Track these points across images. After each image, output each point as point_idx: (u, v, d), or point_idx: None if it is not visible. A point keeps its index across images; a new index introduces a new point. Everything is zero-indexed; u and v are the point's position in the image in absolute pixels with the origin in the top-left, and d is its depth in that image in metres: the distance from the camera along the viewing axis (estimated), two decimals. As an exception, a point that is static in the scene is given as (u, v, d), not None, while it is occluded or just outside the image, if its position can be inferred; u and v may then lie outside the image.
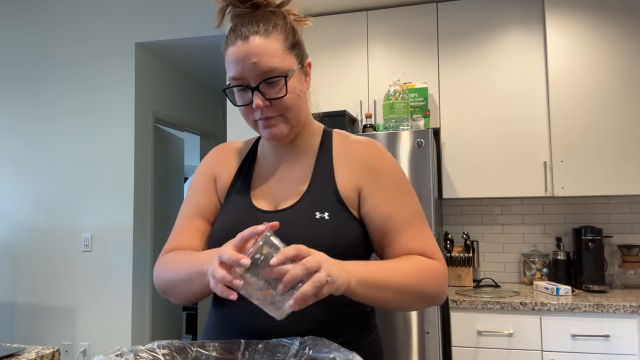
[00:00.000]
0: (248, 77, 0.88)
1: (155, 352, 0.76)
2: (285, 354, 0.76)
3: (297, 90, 0.91)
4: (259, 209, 0.95)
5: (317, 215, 0.90)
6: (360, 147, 0.98)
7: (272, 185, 0.99)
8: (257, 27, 0.89)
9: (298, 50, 0.93)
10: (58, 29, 3.45)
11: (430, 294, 0.89)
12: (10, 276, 3.42)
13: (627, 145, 2.44)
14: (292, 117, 0.92)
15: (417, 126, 2.54)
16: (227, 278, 0.72)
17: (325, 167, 0.97)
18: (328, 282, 0.73)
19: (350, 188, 0.95)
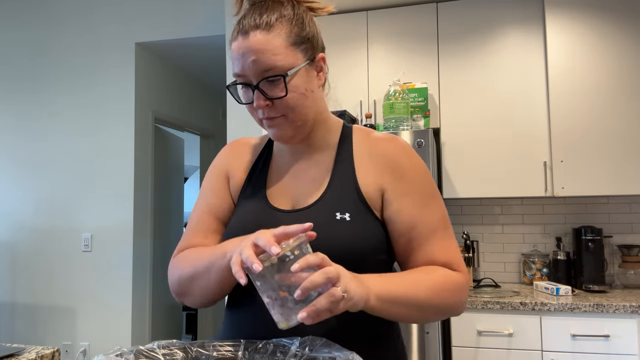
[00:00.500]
0: (249, 75, 0.84)
1: (155, 352, 0.76)
2: (285, 354, 0.76)
3: (301, 89, 0.85)
4: (276, 208, 0.91)
5: (338, 216, 0.86)
6: (384, 144, 0.92)
7: (288, 183, 0.94)
8: (259, 21, 0.83)
9: (307, 44, 0.87)
10: (58, 29, 3.45)
11: (450, 307, 0.86)
12: (10, 276, 3.42)
13: (627, 145, 2.44)
14: (297, 118, 0.87)
15: (417, 126, 2.54)
16: (252, 258, 0.69)
17: (346, 165, 0.91)
18: (344, 298, 0.69)
19: (373, 188, 0.89)
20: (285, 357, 0.76)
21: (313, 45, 0.88)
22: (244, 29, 0.84)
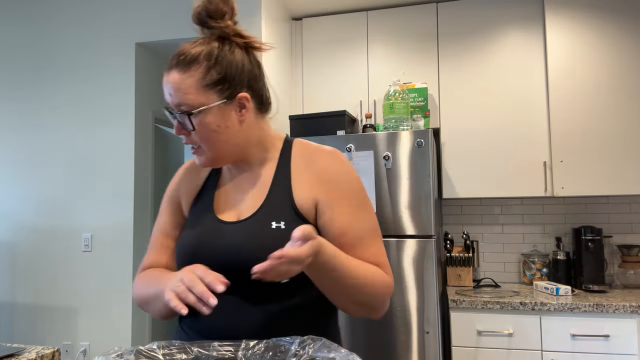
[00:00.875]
0: (171, 105, 0.94)
1: (155, 352, 0.76)
2: (285, 354, 0.76)
3: (212, 126, 0.93)
4: (221, 220, 0.98)
5: (274, 225, 0.92)
6: (320, 157, 0.99)
7: (234, 197, 1.02)
8: (180, 59, 0.92)
9: (223, 85, 0.93)
10: (57, 30, 3.45)
11: (377, 301, 0.93)
12: (10, 276, 3.42)
13: (627, 145, 2.44)
14: (210, 150, 0.96)
15: (417, 126, 2.54)
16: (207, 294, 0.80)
17: (284, 177, 0.98)
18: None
19: (307, 198, 0.96)
20: (286, 357, 0.76)
21: (232, 85, 0.94)
22: (169, 65, 0.94)
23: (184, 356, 0.77)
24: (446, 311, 2.54)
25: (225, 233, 0.95)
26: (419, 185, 2.23)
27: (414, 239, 2.22)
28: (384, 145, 2.28)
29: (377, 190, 2.27)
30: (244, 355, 0.78)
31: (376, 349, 2.22)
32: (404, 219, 2.24)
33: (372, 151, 2.28)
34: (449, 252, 2.72)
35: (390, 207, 2.25)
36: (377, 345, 2.22)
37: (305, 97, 2.90)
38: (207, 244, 0.95)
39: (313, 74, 2.90)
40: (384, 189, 2.26)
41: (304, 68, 2.91)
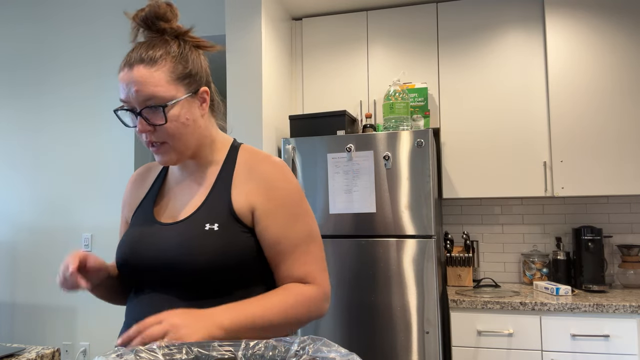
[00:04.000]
0: (133, 103, 0.93)
1: (155, 352, 0.76)
2: (285, 354, 0.76)
3: (181, 119, 0.94)
4: (157, 222, 1.00)
5: (207, 226, 0.94)
6: (264, 165, 1.01)
7: (173, 199, 1.04)
8: (144, 55, 0.93)
9: (190, 79, 0.96)
10: (58, 29, 3.45)
11: (307, 318, 0.96)
12: (10, 276, 3.42)
13: (627, 145, 2.44)
14: (177, 144, 0.96)
15: (417, 126, 2.54)
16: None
17: (225, 181, 1.00)
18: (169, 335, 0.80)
19: (244, 204, 0.97)
20: (286, 357, 0.76)
21: (196, 80, 0.98)
22: (130, 61, 0.93)
23: (184, 356, 0.77)
24: (446, 311, 2.54)
25: (160, 234, 0.97)
26: (419, 185, 2.23)
27: (414, 239, 2.22)
28: (384, 145, 2.28)
29: (377, 190, 2.27)
30: (244, 355, 0.78)
31: (376, 349, 2.22)
32: (404, 219, 2.24)
33: (372, 151, 2.29)
34: (449, 252, 2.72)
35: (390, 207, 2.25)
36: (377, 345, 2.22)
37: (305, 97, 2.90)
38: (142, 244, 0.97)
39: (313, 74, 2.90)
40: (384, 189, 2.26)
41: (304, 68, 2.91)
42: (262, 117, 2.43)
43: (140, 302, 0.96)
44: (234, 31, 2.49)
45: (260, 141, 2.42)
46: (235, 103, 2.48)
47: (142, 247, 0.97)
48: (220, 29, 3.11)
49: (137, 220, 1.05)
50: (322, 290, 0.98)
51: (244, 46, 2.48)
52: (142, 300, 0.96)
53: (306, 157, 2.38)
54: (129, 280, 1.01)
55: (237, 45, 2.49)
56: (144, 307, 0.95)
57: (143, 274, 0.97)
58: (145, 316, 0.93)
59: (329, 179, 2.33)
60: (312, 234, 1.00)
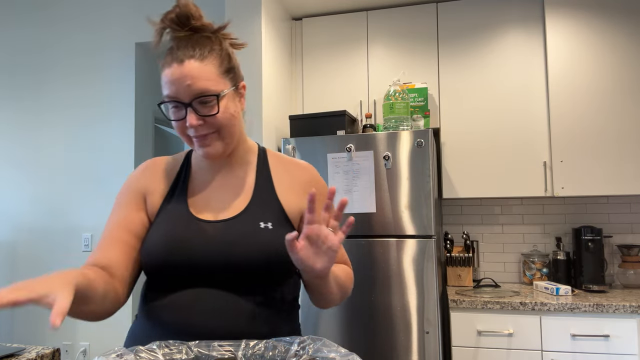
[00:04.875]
0: (182, 97, 0.94)
1: (155, 352, 0.76)
2: (285, 354, 0.76)
3: (230, 110, 0.98)
4: (200, 219, 0.99)
5: (262, 224, 0.98)
6: (303, 171, 1.10)
7: (210, 197, 1.03)
8: (193, 51, 0.95)
9: (233, 74, 1.00)
10: (58, 29, 3.45)
11: (349, 292, 1.09)
12: (10, 276, 3.42)
13: (627, 145, 2.44)
14: (226, 135, 0.99)
15: (417, 126, 2.54)
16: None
17: (266, 183, 1.06)
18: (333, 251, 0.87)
19: (294, 206, 1.05)
20: (286, 357, 0.76)
21: (236, 75, 1.02)
22: (180, 58, 0.95)
23: (184, 356, 0.77)
24: (446, 311, 2.54)
25: (207, 232, 0.96)
26: (419, 185, 2.23)
27: (414, 239, 2.22)
28: (384, 145, 2.28)
29: (377, 190, 2.27)
30: (244, 355, 0.78)
31: (376, 349, 2.22)
32: (404, 219, 2.24)
33: (372, 151, 2.29)
34: (449, 252, 2.72)
35: (390, 207, 2.25)
36: (377, 345, 2.22)
37: (305, 97, 2.90)
38: (184, 242, 0.95)
39: (313, 74, 2.90)
40: (384, 189, 2.26)
41: (304, 68, 2.91)
42: (262, 117, 2.43)
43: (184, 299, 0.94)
44: (234, 31, 2.49)
45: (261, 141, 2.42)
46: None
47: (183, 244, 0.95)
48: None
49: (169, 216, 1.01)
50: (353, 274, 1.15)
51: (244, 46, 2.48)
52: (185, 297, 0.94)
53: (306, 157, 2.38)
54: (164, 278, 0.96)
55: (237, 45, 2.49)
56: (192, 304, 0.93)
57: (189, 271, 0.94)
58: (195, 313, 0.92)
59: (329, 179, 2.33)
60: None
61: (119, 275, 0.97)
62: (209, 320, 0.92)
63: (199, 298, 0.94)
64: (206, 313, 0.92)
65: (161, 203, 1.04)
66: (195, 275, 0.95)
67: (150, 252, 0.97)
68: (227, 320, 0.93)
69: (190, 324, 0.92)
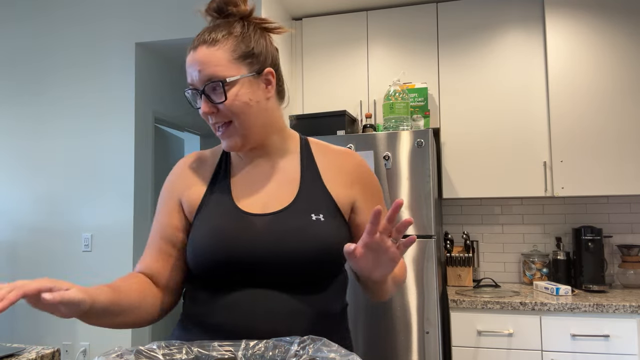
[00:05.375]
0: (196, 84, 0.93)
1: (155, 352, 0.76)
2: (285, 354, 0.76)
3: (244, 98, 0.93)
4: (247, 212, 0.95)
5: (313, 216, 0.93)
6: (349, 159, 1.05)
7: (255, 189, 0.99)
8: (207, 37, 0.93)
9: (252, 59, 0.95)
10: (58, 29, 3.45)
11: (403, 282, 1.08)
12: (10, 276, 3.42)
13: (627, 146, 2.44)
14: (242, 125, 0.94)
15: (417, 126, 2.54)
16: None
17: (312, 172, 1.01)
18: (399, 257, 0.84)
19: (344, 197, 1.00)
20: (286, 357, 0.76)
21: (260, 61, 0.96)
22: (194, 44, 0.94)
23: (184, 356, 0.77)
24: (446, 311, 2.54)
25: (256, 225, 0.92)
26: (419, 185, 2.23)
27: (414, 239, 2.22)
28: (384, 145, 2.28)
29: (377, 190, 2.27)
30: (244, 355, 0.78)
31: (376, 349, 2.22)
32: (404, 219, 2.23)
33: (372, 151, 2.28)
34: (449, 252, 2.72)
35: (390, 207, 2.25)
36: (377, 345, 2.22)
37: (305, 97, 2.90)
38: (233, 236, 0.91)
39: (313, 74, 2.90)
40: (384, 189, 2.26)
41: (304, 68, 2.91)
42: (262, 117, 2.43)
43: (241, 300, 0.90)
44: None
45: (260, 141, 2.42)
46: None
47: (233, 239, 0.91)
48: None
49: (213, 210, 0.96)
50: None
51: (244, 46, 2.48)
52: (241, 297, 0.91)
53: (306, 157, 2.38)
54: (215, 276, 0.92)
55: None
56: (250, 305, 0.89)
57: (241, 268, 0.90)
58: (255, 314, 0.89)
59: (329, 179, 2.33)
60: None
61: (162, 284, 0.98)
62: (269, 322, 0.89)
63: (256, 298, 0.90)
64: (265, 315, 0.89)
65: (202, 198, 0.99)
66: (246, 272, 0.90)
67: (196, 250, 0.94)
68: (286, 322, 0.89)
69: (250, 326, 0.89)
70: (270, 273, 0.90)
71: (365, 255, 0.81)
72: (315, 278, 0.93)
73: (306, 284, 0.92)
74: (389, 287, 0.97)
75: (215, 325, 0.91)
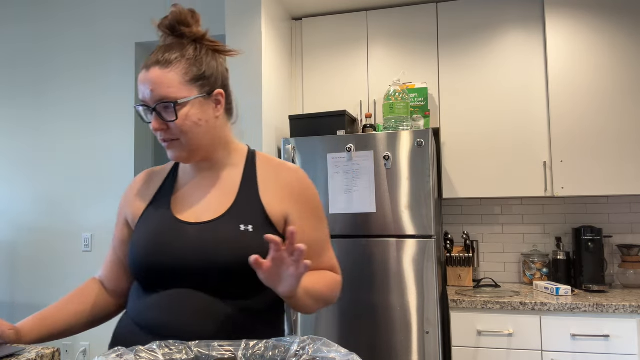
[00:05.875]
0: (148, 102, 0.99)
1: (155, 352, 0.76)
2: (285, 354, 0.76)
3: (193, 118, 0.99)
4: (181, 221, 1.01)
5: (242, 227, 0.98)
6: (289, 174, 1.09)
7: (193, 199, 1.05)
8: (160, 58, 0.98)
9: (203, 81, 1.01)
10: (58, 29, 3.45)
11: (333, 300, 1.09)
12: (10, 276, 3.42)
13: (627, 145, 2.44)
14: (189, 142, 1.00)
15: (417, 126, 2.54)
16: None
17: (251, 186, 1.05)
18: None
19: (278, 209, 1.04)
20: (286, 357, 0.76)
21: (210, 82, 1.02)
22: (147, 64, 0.99)
23: (184, 356, 0.77)
24: (446, 311, 2.54)
25: (188, 233, 0.98)
26: (419, 185, 2.23)
27: (414, 239, 2.22)
28: (384, 145, 2.28)
29: (377, 190, 2.27)
30: (244, 355, 0.78)
31: (376, 349, 2.22)
32: (404, 219, 2.24)
33: (372, 151, 2.29)
34: (449, 252, 2.72)
35: (390, 207, 2.25)
36: (377, 345, 2.22)
37: (305, 97, 2.90)
38: (166, 244, 0.98)
39: (313, 74, 2.90)
40: (384, 189, 2.26)
41: (304, 68, 2.91)
42: (262, 117, 2.43)
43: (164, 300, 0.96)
44: (234, 31, 2.49)
45: (260, 141, 2.42)
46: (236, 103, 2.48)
47: (165, 246, 0.97)
48: (220, 29, 3.11)
49: (151, 218, 1.03)
50: (341, 280, 1.14)
51: (244, 46, 2.48)
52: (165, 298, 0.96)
53: (306, 157, 2.38)
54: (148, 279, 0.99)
55: (237, 45, 2.49)
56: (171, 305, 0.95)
57: (171, 272, 0.96)
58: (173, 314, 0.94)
59: (329, 179, 2.33)
60: (328, 232, 1.15)
61: (112, 288, 1.14)
62: (186, 322, 0.93)
63: (178, 299, 0.95)
64: (184, 315, 0.93)
65: (143, 210, 1.07)
66: (174, 276, 0.96)
67: (132, 253, 1.01)
68: (204, 323, 0.93)
69: (166, 324, 0.93)
70: (198, 277, 0.95)
71: (270, 269, 0.85)
72: (242, 284, 0.97)
73: (234, 288, 0.96)
74: (306, 302, 0.96)
75: (144, 322, 0.96)
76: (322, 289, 1.03)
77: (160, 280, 0.97)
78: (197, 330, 0.92)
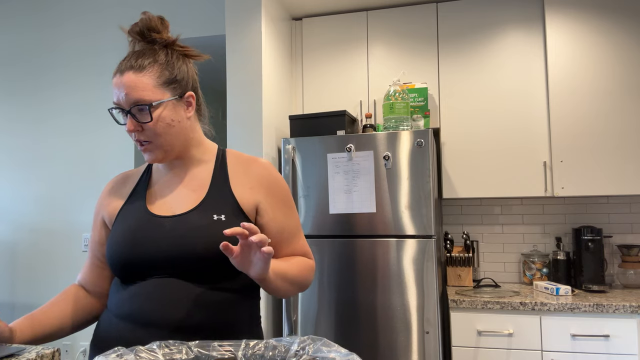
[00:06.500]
0: (122, 104, 1.04)
1: (155, 352, 0.76)
2: (285, 354, 0.76)
3: (167, 119, 1.05)
4: (156, 215, 1.06)
5: (215, 217, 1.04)
6: (259, 166, 1.15)
7: (168, 195, 1.11)
8: (133, 63, 1.03)
9: (175, 84, 1.07)
10: (57, 28, 3.45)
11: (307, 283, 1.14)
12: (10, 276, 3.42)
13: (627, 145, 2.44)
14: (163, 143, 1.06)
15: (417, 126, 2.54)
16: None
17: (222, 180, 1.11)
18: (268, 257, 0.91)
19: (249, 199, 1.10)
20: (285, 357, 0.76)
21: (182, 85, 1.08)
22: (121, 68, 1.04)
23: (183, 356, 0.77)
24: (446, 311, 2.54)
25: (162, 226, 1.03)
26: (419, 185, 2.23)
27: (414, 239, 2.22)
28: (384, 145, 2.28)
29: (377, 190, 2.27)
30: (244, 355, 0.78)
31: (376, 349, 2.22)
32: (404, 219, 2.24)
33: (372, 151, 2.29)
34: (449, 252, 2.72)
35: (390, 207, 2.25)
36: (377, 345, 2.22)
37: (305, 97, 2.90)
38: (143, 237, 1.03)
39: (313, 74, 2.90)
40: (384, 189, 2.26)
41: (304, 68, 2.91)
42: (262, 117, 2.43)
43: (142, 290, 1.01)
44: (234, 31, 2.49)
45: (260, 141, 2.42)
46: (236, 103, 2.48)
47: (142, 238, 1.02)
48: (220, 29, 3.11)
49: (128, 216, 1.08)
50: (314, 264, 1.20)
51: (244, 46, 2.48)
52: (143, 288, 1.01)
53: (306, 157, 2.38)
54: (127, 272, 1.04)
55: (237, 45, 2.49)
56: (150, 294, 1.00)
57: (149, 264, 1.01)
58: (151, 302, 0.98)
59: (329, 179, 2.33)
60: (299, 221, 1.20)
61: (94, 290, 1.18)
62: (165, 308, 0.98)
63: (156, 288, 1.00)
64: (163, 301, 0.98)
65: (119, 209, 1.12)
66: (152, 267, 1.01)
67: (110, 249, 1.06)
68: (183, 307, 0.98)
69: (146, 311, 0.98)
70: (174, 266, 1.00)
71: (241, 254, 0.91)
72: (216, 269, 1.02)
73: (210, 274, 1.02)
74: (278, 284, 1.01)
75: (125, 312, 1.01)
76: (294, 272, 1.08)
77: (138, 272, 1.02)
78: (176, 314, 0.97)
